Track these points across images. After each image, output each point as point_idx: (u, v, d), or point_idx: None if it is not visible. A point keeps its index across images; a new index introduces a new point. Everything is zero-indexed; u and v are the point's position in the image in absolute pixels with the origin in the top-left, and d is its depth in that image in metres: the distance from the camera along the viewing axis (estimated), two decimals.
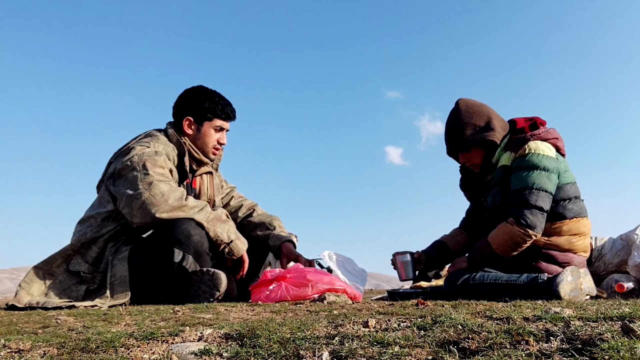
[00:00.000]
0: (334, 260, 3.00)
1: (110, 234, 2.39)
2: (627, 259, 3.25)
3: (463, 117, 2.38)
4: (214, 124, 2.62)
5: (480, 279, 2.19)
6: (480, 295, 2.08)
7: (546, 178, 2.18)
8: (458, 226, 2.73)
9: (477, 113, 2.38)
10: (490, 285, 2.16)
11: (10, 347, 1.02)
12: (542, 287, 2.05)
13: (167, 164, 2.41)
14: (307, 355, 0.90)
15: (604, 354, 0.79)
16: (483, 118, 2.36)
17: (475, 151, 2.40)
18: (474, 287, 2.18)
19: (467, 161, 2.45)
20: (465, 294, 2.13)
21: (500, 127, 2.36)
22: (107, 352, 0.96)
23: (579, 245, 2.26)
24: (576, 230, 2.25)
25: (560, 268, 2.19)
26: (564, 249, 2.23)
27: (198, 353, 0.94)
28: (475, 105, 2.41)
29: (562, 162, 2.30)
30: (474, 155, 2.41)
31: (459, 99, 2.46)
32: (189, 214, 2.27)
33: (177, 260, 2.22)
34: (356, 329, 1.13)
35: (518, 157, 2.24)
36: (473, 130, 2.35)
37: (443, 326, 1.07)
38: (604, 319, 1.09)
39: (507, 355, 0.83)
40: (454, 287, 2.24)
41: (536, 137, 2.29)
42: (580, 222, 2.27)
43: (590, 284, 2.19)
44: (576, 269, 2.12)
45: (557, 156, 2.29)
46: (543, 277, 2.08)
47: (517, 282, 2.12)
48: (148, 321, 1.45)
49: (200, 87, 2.66)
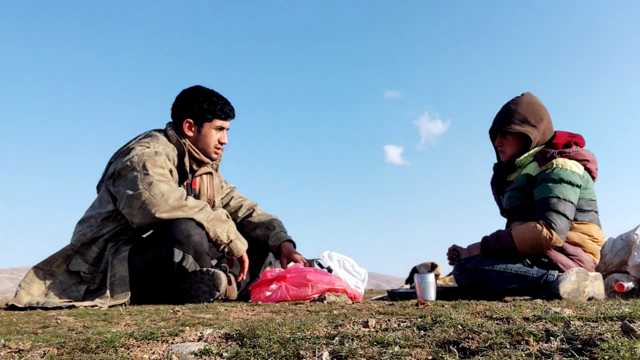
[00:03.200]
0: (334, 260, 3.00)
1: (110, 234, 2.39)
2: (627, 259, 3.25)
3: (520, 106, 2.46)
4: (214, 125, 2.62)
5: (491, 266, 2.20)
6: (489, 282, 2.13)
7: (572, 191, 2.25)
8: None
9: (534, 110, 2.44)
10: (500, 274, 2.17)
11: (10, 347, 1.02)
12: (551, 283, 2.06)
13: (167, 164, 2.41)
14: (307, 355, 0.90)
15: (604, 354, 0.79)
16: (536, 117, 2.43)
17: (512, 139, 2.46)
18: (484, 273, 2.19)
19: (501, 145, 2.51)
20: (474, 279, 2.17)
21: (544, 132, 2.43)
22: (107, 352, 0.96)
23: (588, 244, 2.30)
24: (587, 231, 2.31)
25: (568, 260, 2.22)
26: (575, 243, 2.27)
27: (198, 353, 0.94)
28: (537, 103, 2.48)
29: (587, 180, 2.35)
30: (509, 143, 2.47)
31: (526, 92, 2.53)
32: (189, 214, 2.27)
33: (177, 260, 2.21)
34: (356, 329, 1.13)
35: (544, 170, 2.31)
36: (521, 120, 2.42)
37: (443, 326, 1.07)
38: (604, 319, 1.09)
39: (507, 355, 0.83)
40: (464, 270, 2.26)
41: (565, 155, 2.35)
42: (592, 227, 2.33)
43: (599, 289, 2.16)
44: (585, 272, 2.10)
45: (584, 174, 2.34)
46: (553, 273, 2.09)
47: (527, 274, 2.14)
48: (148, 321, 1.45)
49: (198, 87, 2.65)
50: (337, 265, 2.97)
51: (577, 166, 2.31)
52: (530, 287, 2.09)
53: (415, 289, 2.33)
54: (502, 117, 2.50)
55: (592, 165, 2.41)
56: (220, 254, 2.58)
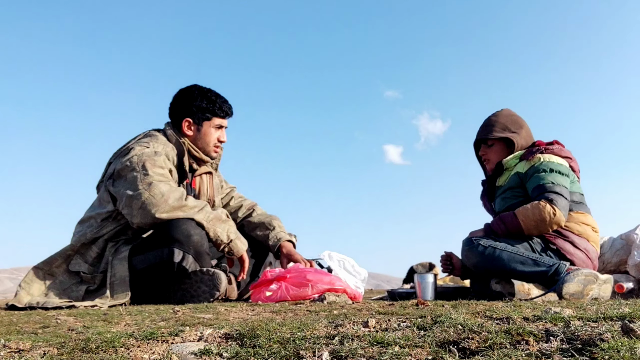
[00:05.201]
0: (334, 260, 3.00)
1: (110, 234, 2.39)
2: (626, 258, 3.25)
3: (500, 117, 2.63)
4: (213, 123, 2.62)
5: (503, 248, 2.20)
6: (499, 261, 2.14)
7: (562, 178, 2.33)
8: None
9: (513, 120, 2.62)
10: (511, 255, 2.17)
11: (10, 347, 1.02)
12: (559, 274, 2.07)
13: (167, 164, 2.41)
14: (307, 355, 0.90)
15: (604, 354, 0.79)
16: (515, 125, 2.60)
17: (496, 147, 2.60)
18: (496, 252, 2.19)
19: (485, 154, 2.64)
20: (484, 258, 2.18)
21: (525, 138, 2.58)
22: (107, 352, 0.96)
23: (590, 234, 2.34)
24: (586, 221, 2.35)
25: (575, 250, 2.24)
26: (578, 233, 2.30)
27: (198, 353, 0.94)
28: (515, 115, 2.66)
29: (572, 175, 2.44)
30: (493, 151, 2.62)
31: (505, 108, 2.72)
32: (189, 214, 2.27)
33: (177, 260, 2.21)
34: (356, 329, 1.13)
35: (533, 165, 2.41)
36: (502, 128, 2.58)
37: (443, 326, 1.07)
38: (604, 319, 1.09)
39: (507, 355, 0.83)
40: (474, 247, 2.25)
41: (549, 152, 2.46)
42: (589, 217, 2.38)
43: (606, 292, 2.14)
44: (595, 275, 2.08)
45: (568, 170, 2.43)
46: (565, 264, 2.10)
47: (539, 260, 2.15)
48: (148, 321, 1.45)
49: (195, 86, 2.65)
50: (337, 265, 2.97)
51: (562, 161, 2.42)
52: (540, 273, 2.09)
53: (415, 289, 2.33)
54: (484, 128, 2.65)
55: (574, 163, 2.52)
56: (221, 254, 2.58)
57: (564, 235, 2.28)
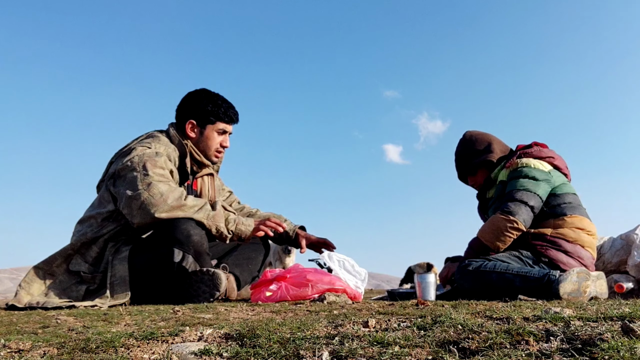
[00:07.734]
0: (334, 260, 3.00)
1: (110, 234, 2.39)
2: (626, 258, 3.25)
3: (467, 145, 2.70)
4: (217, 127, 2.62)
5: (492, 268, 2.21)
6: (490, 283, 2.14)
7: (533, 184, 2.35)
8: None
9: (479, 140, 2.68)
10: (500, 275, 2.17)
11: (10, 347, 1.02)
12: (552, 283, 2.05)
13: (168, 165, 2.41)
14: (307, 355, 0.90)
15: (604, 354, 0.79)
16: (483, 143, 2.66)
17: (480, 172, 2.66)
18: (485, 275, 2.20)
19: (475, 183, 2.72)
20: (476, 282, 2.18)
21: (499, 150, 2.64)
22: (107, 352, 0.96)
23: (585, 239, 2.32)
24: (580, 224, 2.33)
25: (569, 258, 2.24)
26: (571, 240, 2.29)
27: (198, 353, 0.94)
28: (478, 134, 2.72)
29: (557, 176, 2.45)
30: (479, 177, 2.68)
31: (465, 132, 2.77)
32: (188, 213, 2.27)
33: (177, 260, 2.22)
34: (356, 329, 1.13)
35: (511, 171, 2.46)
36: (475, 154, 2.65)
37: (443, 326, 1.07)
38: (604, 319, 1.09)
39: (507, 355, 0.83)
40: (466, 273, 2.26)
41: (528, 155, 2.50)
42: (583, 220, 2.35)
43: (602, 289, 2.16)
44: (586, 271, 2.09)
45: (551, 171, 2.44)
46: (555, 274, 2.09)
47: (529, 274, 2.14)
48: (148, 321, 1.45)
49: (204, 90, 2.66)
50: (337, 265, 2.97)
51: (541, 164, 2.43)
52: (533, 287, 2.08)
53: (415, 289, 2.33)
54: (459, 164, 2.73)
55: (559, 162, 2.52)
56: (221, 254, 2.59)
57: (556, 245, 2.27)
